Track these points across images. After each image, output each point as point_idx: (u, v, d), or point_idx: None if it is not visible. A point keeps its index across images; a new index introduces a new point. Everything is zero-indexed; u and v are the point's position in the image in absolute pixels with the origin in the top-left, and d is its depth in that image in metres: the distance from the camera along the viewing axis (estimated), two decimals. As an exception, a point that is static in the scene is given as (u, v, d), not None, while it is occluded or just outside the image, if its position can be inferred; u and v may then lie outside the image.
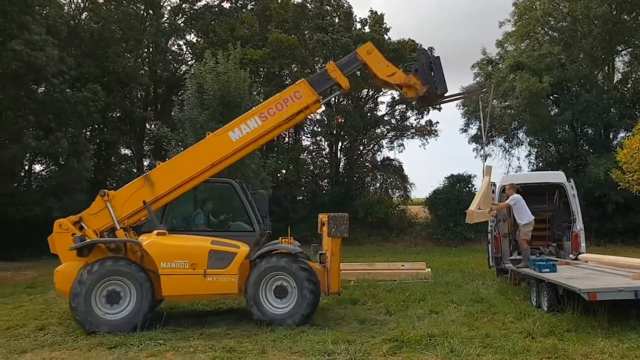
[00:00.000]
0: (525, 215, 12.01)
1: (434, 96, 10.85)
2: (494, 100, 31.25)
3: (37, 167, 28.74)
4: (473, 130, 33.38)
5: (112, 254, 9.29)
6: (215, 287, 9.17)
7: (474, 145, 33.63)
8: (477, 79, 33.09)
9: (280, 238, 10.45)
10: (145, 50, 35.82)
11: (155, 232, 9.38)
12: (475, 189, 31.66)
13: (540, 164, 31.60)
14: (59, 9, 27.71)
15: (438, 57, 10.78)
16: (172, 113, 24.58)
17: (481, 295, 11.69)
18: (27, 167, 27.30)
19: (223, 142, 9.95)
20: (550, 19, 31.33)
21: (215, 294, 9.45)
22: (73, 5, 32.33)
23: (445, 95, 10.99)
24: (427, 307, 10.61)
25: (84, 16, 32.20)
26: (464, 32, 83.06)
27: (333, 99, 35.19)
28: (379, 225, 31.59)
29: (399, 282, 14.13)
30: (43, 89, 24.46)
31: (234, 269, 9.15)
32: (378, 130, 36.32)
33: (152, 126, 33.35)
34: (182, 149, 17.29)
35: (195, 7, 37.35)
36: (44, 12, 24.53)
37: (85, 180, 24.40)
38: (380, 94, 35.87)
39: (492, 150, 33.59)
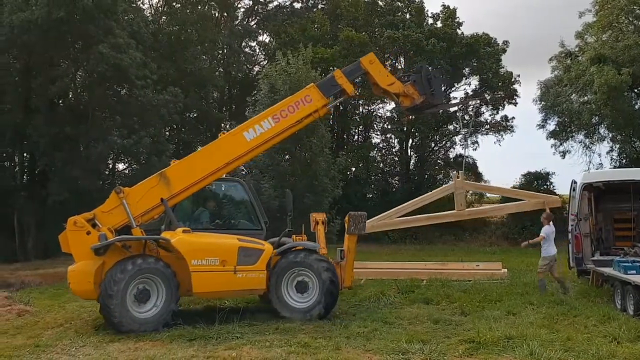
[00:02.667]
0: (550, 249, 11.87)
1: (428, 106, 11.41)
2: (573, 95, 29.97)
3: (120, 166, 30.30)
4: (551, 126, 32.09)
5: (129, 252, 9.13)
6: (245, 283, 9.42)
7: (552, 141, 32.28)
8: (555, 72, 31.82)
9: (294, 236, 10.62)
10: (220, 52, 36.93)
11: (181, 229, 9.35)
12: (554, 186, 30.54)
13: (624, 161, 29.94)
14: (140, 12, 29.01)
15: (438, 70, 11.26)
16: (246, 113, 25.20)
17: (561, 297, 11.26)
18: (111, 166, 28.83)
19: (238, 142, 10.14)
20: (635, 7, 29.59)
21: (244, 289, 9.72)
22: (152, 10, 33.81)
23: (437, 105, 11.73)
24: (503, 308, 10.33)
25: (162, 20, 33.58)
26: (541, 23, 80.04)
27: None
28: (452, 224, 30.82)
29: (473, 282, 13.83)
30: (125, 91, 25.72)
31: (262, 265, 9.43)
32: (451, 127, 35.61)
33: (227, 126, 34.28)
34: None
35: (267, 9, 38.06)
36: (126, 17, 25.76)
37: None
38: (453, 89, 35.22)
39: (572, 147, 32.15)
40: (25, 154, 26.76)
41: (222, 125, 34.86)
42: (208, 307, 10.90)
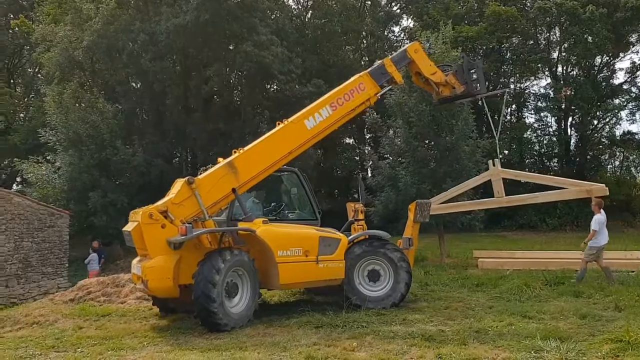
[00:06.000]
0: (600, 238, 11.36)
1: (466, 95, 11.65)
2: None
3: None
4: None
5: (210, 245, 8.69)
6: (326, 273, 9.35)
7: None
8: None
9: (353, 225, 10.57)
10: (364, 40, 37.04)
11: (260, 220, 9.13)
12: None
13: None
14: (285, 9, 30.04)
15: (479, 61, 12.20)
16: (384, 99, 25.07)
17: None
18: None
19: (299, 130, 9.97)
20: None
21: (325, 280, 9.52)
22: (299, 6, 34.87)
23: (476, 94, 11.73)
24: (670, 305, 9.01)
25: (309, 15, 34.51)
26: None
27: (561, 69, 32.45)
28: (619, 209, 28.01)
29: (637, 273, 12.31)
30: (272, 86, 26.85)
31: (341, 254, 9.47)
32: (616, 101, 32.08)
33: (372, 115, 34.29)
34: (390, 133, 17.47)
35: (410, -9, 37.35)
36: (273, 16, 26.80)
37: (310, 168, 26.18)
38: (618, 59, 31.70)
39: None
40: (189, 150, 29.15)
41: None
42: (337, 296, 10.92)
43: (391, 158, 17.61)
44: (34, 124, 30.65)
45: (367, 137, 35.45)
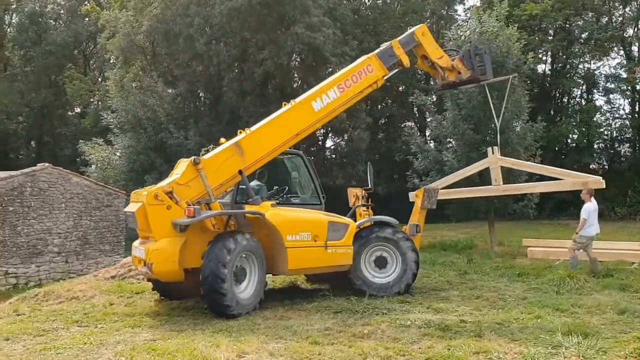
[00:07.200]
0: (590, 228, 11.20)
1: (472, 81, 11.43)
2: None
3: (328, 142, 31.88)
4: None
5: (214, 229, 8.31)
6: (334, 259, 9.16)
7: None
8: None
9: (359, 209, 10.35)
10: (428, 20, 36.10)
11: (269, 203, 8.83)
12: None
13: None
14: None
15: (484, 49, 11.91)
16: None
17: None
18: (320, 143, 30.41)
19: (307, 111, 9.61)
20: None
21: (333, 265, 9.29)
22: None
23: (482, 80, 11.48)
24: None
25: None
26: None
27: (636, 48, 30.39)
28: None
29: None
30: (329, 68, 26.59)
31: (349, 240, 9.30)
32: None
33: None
34: (439, 116, 16.92)
35: (474, -31, 36.05)
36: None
37: (363, 151, 25.91)
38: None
39: None
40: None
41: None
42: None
43: (438, 141, 17.06)
44: (102, 107, 31.96)
45: (428, 120, 34.68)
